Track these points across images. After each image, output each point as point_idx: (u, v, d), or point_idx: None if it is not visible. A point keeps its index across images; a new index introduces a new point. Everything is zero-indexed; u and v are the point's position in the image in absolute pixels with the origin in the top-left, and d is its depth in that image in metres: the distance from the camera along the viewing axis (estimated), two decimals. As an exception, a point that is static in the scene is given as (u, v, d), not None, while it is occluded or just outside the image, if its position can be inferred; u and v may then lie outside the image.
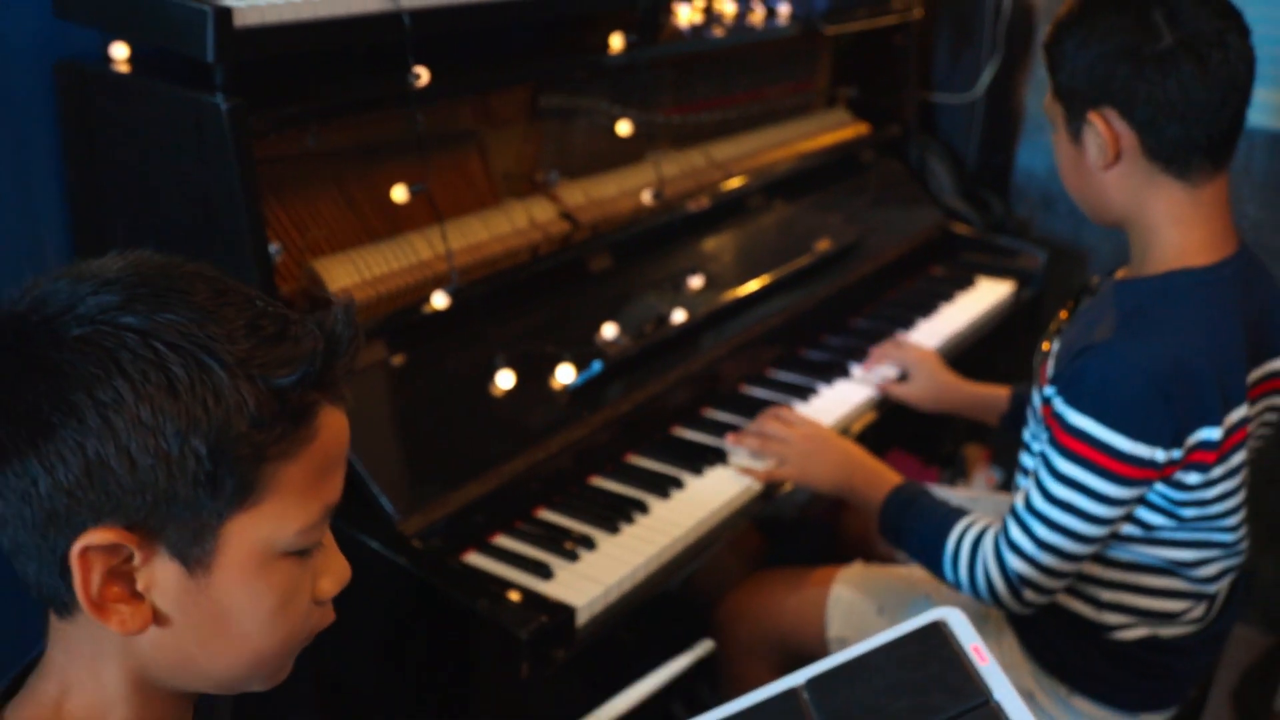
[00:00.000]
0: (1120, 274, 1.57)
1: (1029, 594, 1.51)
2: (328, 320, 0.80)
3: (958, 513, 1.61)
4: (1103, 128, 1.44)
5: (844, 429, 1.95)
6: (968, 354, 2.29)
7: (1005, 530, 1.51)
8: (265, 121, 1.45)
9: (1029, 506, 1.48)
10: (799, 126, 2.49)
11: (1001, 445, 2.99)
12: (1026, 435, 1.65)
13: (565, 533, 1.61)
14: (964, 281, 2.50)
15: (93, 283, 0.76)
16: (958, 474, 2.57)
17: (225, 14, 1.34)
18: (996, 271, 2.54)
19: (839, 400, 2.02)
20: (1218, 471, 1.46)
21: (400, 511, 1.48)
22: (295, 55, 1.48)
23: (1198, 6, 1.39)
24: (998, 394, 2.01)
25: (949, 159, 2.72)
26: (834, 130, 2.56)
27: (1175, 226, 1.47)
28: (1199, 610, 1.61)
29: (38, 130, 1.57)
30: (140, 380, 0.73)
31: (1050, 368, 1.54)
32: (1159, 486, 1.47)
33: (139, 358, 0.73)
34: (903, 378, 2.07)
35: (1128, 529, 1.52)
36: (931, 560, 1.60)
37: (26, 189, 1.59)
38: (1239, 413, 1.46)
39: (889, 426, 2.09)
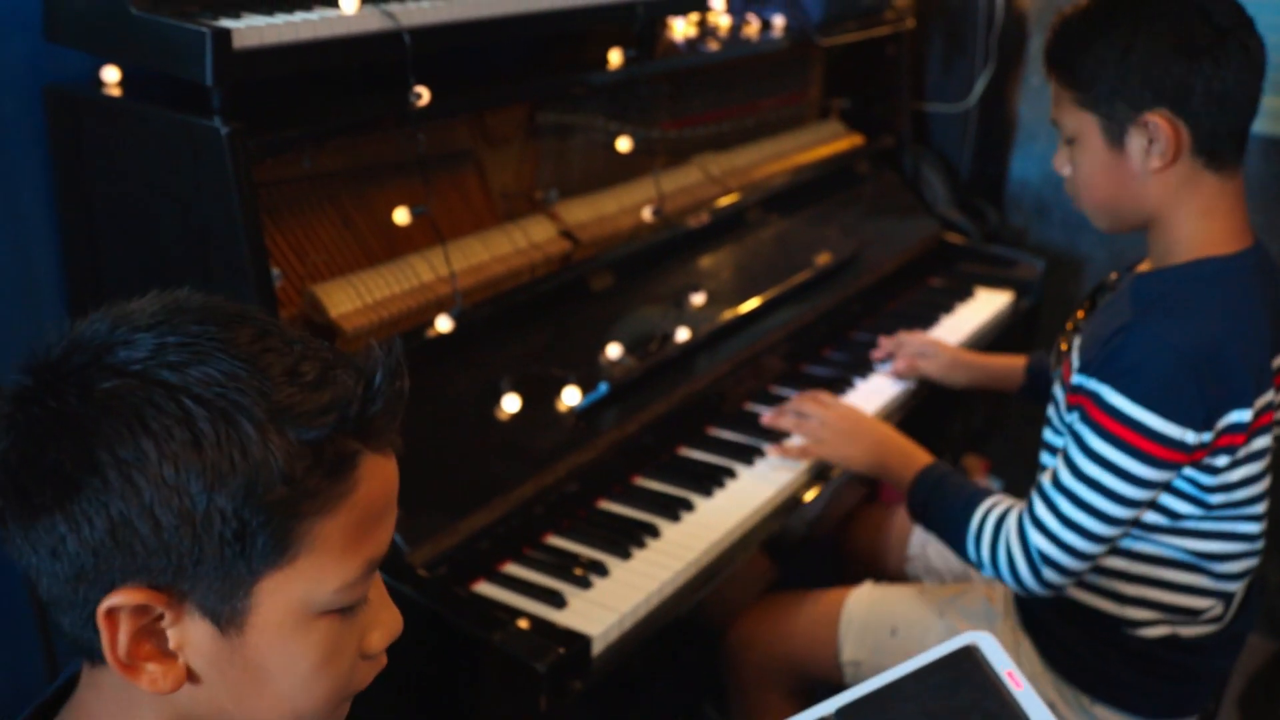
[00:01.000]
0: (1141, 269, 1.58)
1: (1049, 573, 1.51)
2: (369, 362, 0.76)
3: (985, 492, 1.63)
4: (1165, 128, 1.44)
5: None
6: (970, 366, 2.26)
7: (1031, 507, 1.52)
8: (263, 145, 1.41)
9: (1056, 483, 1.49)
10: (794, 139, 2.47)
11: (999, 456, 2.98)
12: (1050, 412, 1.64)
13: (576, 559, 1.57)
14: (963, 293, 2.48)
15: (126, 329, 0.73)
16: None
17: (224, 36, 1.30)
18: (995, 282, 2.52)
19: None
20: (1244, 454, 1.47)
21: (408, 542, 1.44)
22: (292, 76, 1.44)
23: (1220, 2, 1.41)
24: (1014, 364, 2.05)
25: (943, 169, 2.71)
26: (829, 142, 2.54)
27: (1204, 218, 1.48)
28: (1219, 609, 1.61)
29: (27, 156, 1.53)
30: (164, 437, 0.69)
31: (1075, 360, 1.54)
32: (1188, 471, 1.47)
33: (164, 413, 0.70)
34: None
35: (1154, 518, 1.52)
36: (956, 537, 1.61)
37: (16, 217, 1.55)
38: (1266, 397, 1.47)
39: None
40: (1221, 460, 1.46)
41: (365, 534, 0.77)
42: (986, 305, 2.44)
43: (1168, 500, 1.51)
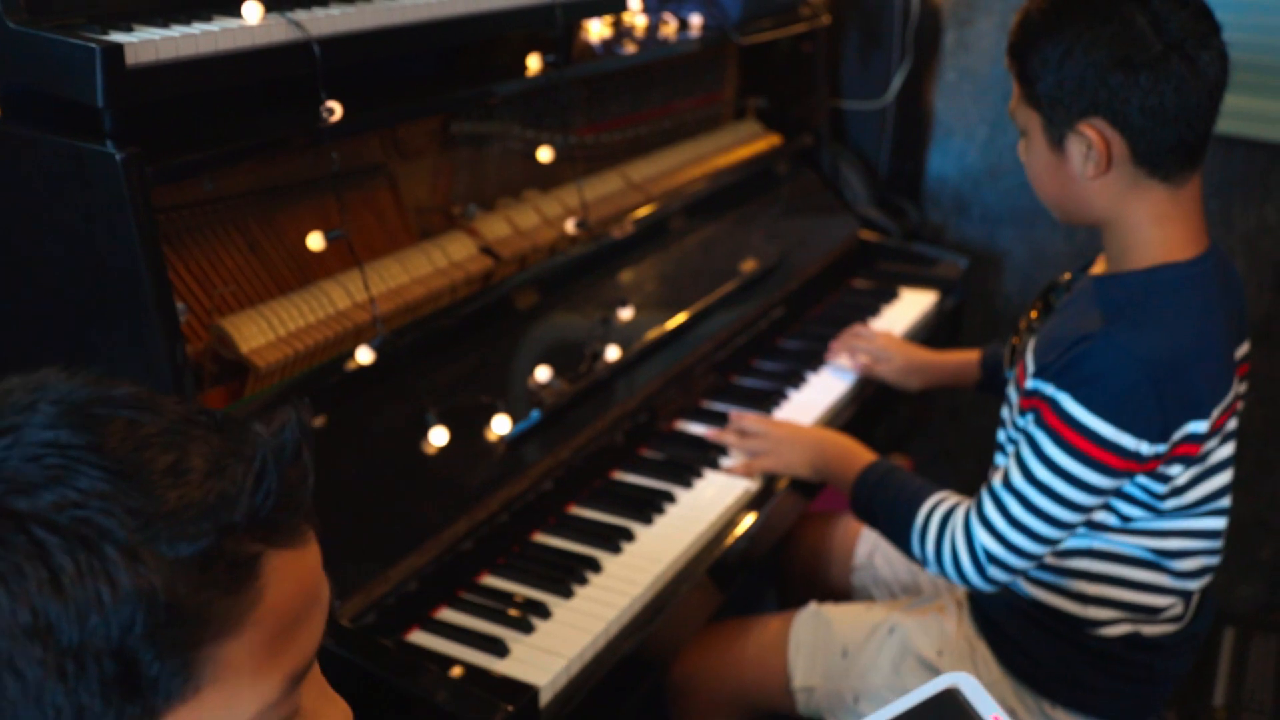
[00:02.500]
0: (1097, 270, 1.55)
1: (994, 570, 1.50)
2: (263, 443, 0.66)
3: (930, 488, 1.60)
4: (1096, 139, 1.40)
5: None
6: (900, 370, 2.22)
7: (979, 505, 1.50)
8: (162, 171, 1.29)
9: (1007, 484, 1.47)
10: (712, 141, 2.40)
11: (922, 454, 2.95)
12: (1004, 413, 1.62)
13: (514, 600, 1.48)
14: (887, 294, 2.44)
15: None
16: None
17: (115, 52, 1.18)
18: (918, 281, 2.48)
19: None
20: (1198, 461, 1.46)
21: (337, 595, 1.34)
22: (192, 93, 1.31)
23: (1179, 10, 1.36)
24: (969, 360, 2.04)
25: (862, 167, 2.66)
26: (747, 143, 2.47)
27: (1157, 225, 1.45)
28: (1179, 608, 1.59)
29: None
30: (14, 577, 0.58)
31: (1030, 363, 1.50)
32: (1140, 478, 1.46)
33: (11, 549, 0.59)
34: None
35: (1103, 517, 1.50)
36: (900, 534, 1.59)
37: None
38: (1224, 403, 1.46)
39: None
40: (1176, 469, 1.45)
41: (281, 646, 0.66)
42: (912, 306, 2.40)
43: (1117, 503, 1.49)
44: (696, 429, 1.90)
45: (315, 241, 1.45)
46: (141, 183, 1.22)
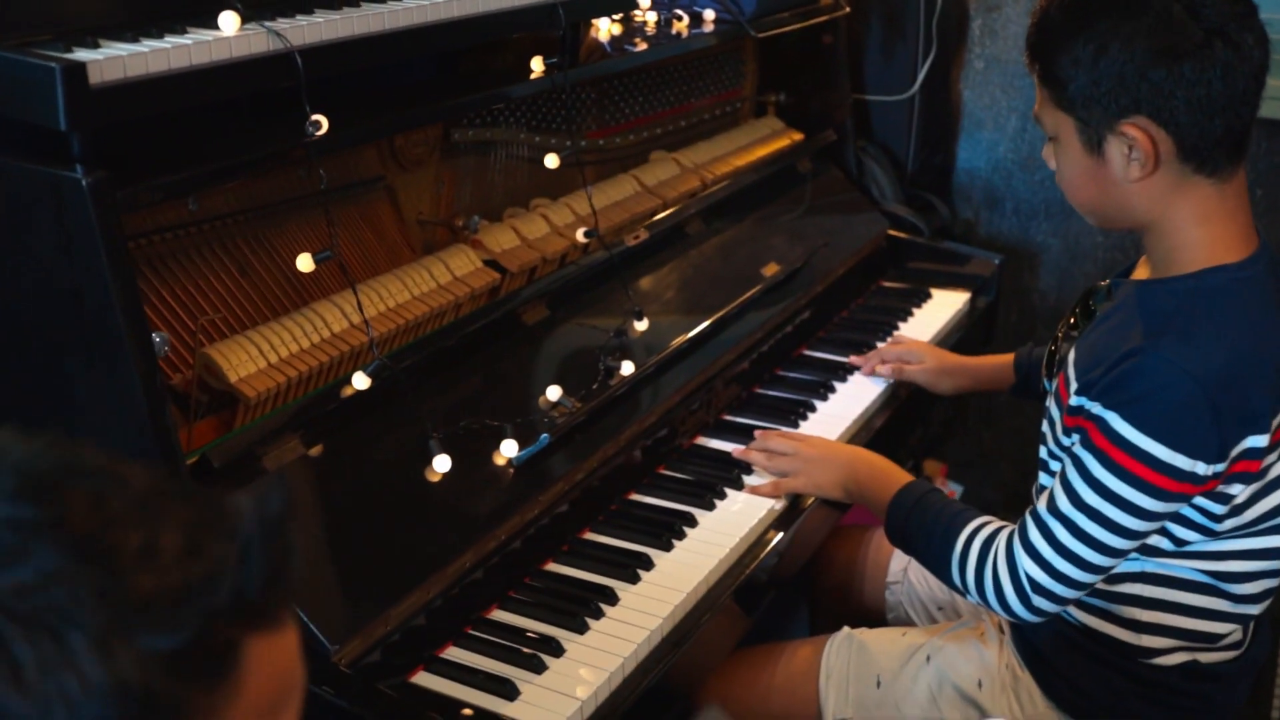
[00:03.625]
0: (1140, 275, 1.45)
1: (1039, 600, 1.40)
2: (250, 517, 0.58)
3: (970, 512, 1.51)
4: (1141, 138, 1.29)
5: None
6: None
7: (1024, 531, 1.40)
8: (134, 195, 1.21)
9: (1053, 508, 1.37)
10: (731, 140, 2.30)
11: (957, 458, 2.85)
12: (1045, 429, 1.51)
13: (525, 636, 1.40)
14: (918, 295, 2.34)
15: None
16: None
17: (78, 72, 1.10)
18: (949, 281, 2.38)
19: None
20: (1258, 480, 1.35)
21: (335, 639, 1.26)
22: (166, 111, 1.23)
23: None
24: (1003, 363, 1.96)
25: (888, 162, 2.56)
26: (768, 141, 2.37)
27: (1203, 225, 1.34)
28: (1238, 634, 1.49)
29: None
30: None
31: (1072, 377, 1.40)
32: (1198, 499, 1.35)
33: None
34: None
35: (1158, 541, 1.40)
36: (939, 562, 1.50)
37: None
38: None
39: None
40: (1236, 489, 1.34)
41: None
42: (944, 307, 2.30)
43: (1172, 527, 1.39)
44: (718, 445, 1.81)
45: (304, 263, 1.36)
46: (110, 209, 1.14)
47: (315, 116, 1.32)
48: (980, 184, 2.65)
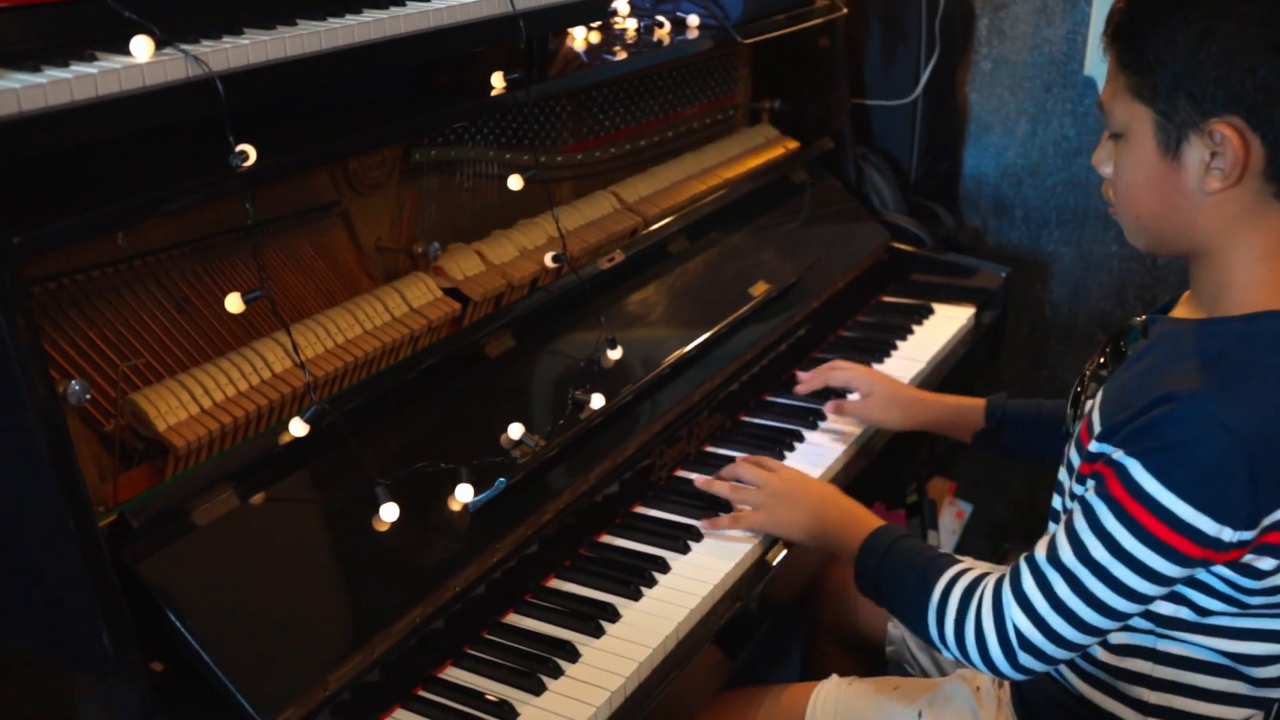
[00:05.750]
0: (1181, 313, 1.30)
1: (1025, 657, 1.26)
2: None
3: (948, 558, 1.37)
4: (1234, 141, 1.15)
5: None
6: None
7: (1016, 579, 1.26)
8: (32, 242, 1.12)
9: (1054, 559, 1.23)
10: (720, 150, 2.20)
11: (966, 477, 2.73)
12: (1062, 476, 1.38)
13: (480, 699, 1.31)
14: (920, 312, 2.23)
15: None
16: (928, 524, 2.30)
17: (-36, 108, 1.01)
18: (954, 295, 2.27)
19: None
20: None
21: (266, 712, 1.17)
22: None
23: None
24: (972, 406, 1.78)
25: (889, 170, 2.44)
26: (761, 151, 2.27)
27: (1267, 261, 1.21)
28: (1257, 719, 1.34)
29: None
30: None
31: (1096, 421, 1.26)
32: (1221, 570, 1.21)
33: None
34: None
35: (1178, 612, 1.26)
36: (914, 613, 1.36)
37: None
38: None
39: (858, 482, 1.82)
40: (1267, 563, 1.19)
41: None
42: (946, 325, 2.19)
43: (1196, 596, 1.24)
44: (700, 478, 1.70)
45: (232, 304, 1.27)
46: (6, 256, 1.05)
47: (241, 147, 1.22)
48: (988, 191, 2.53)
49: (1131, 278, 2.44)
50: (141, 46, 1.15)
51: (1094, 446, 1.24)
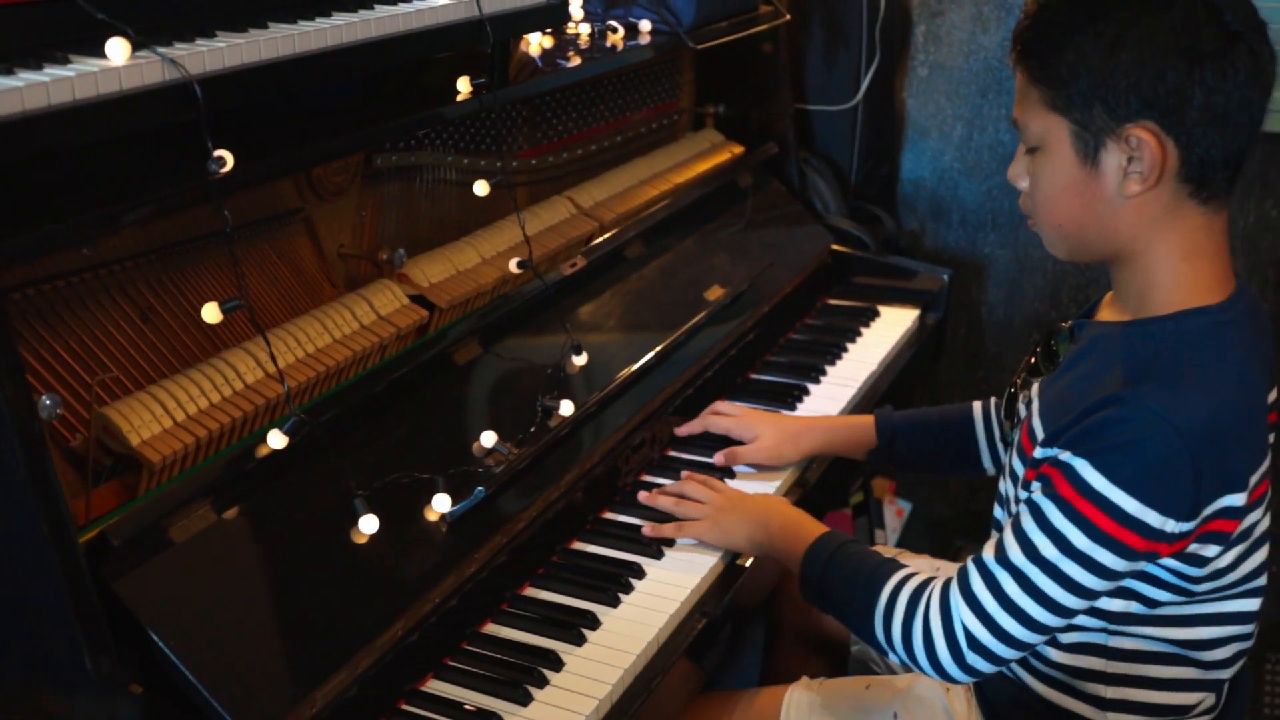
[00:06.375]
0: (1107, 315, 1.34)
1: (973, 657, 1.27)
2: None
3: (893, 563, 1.38)
4: (1151, 143, 1.19)
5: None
6: (885, 397, 2.03)
7: (964, 580, 1.28)
8: (7, 251, 1.08)
9: (1002, 559, 1.25)
10: (668, 155, 2.20)
11: (904, 477, 2.77)
12: (1003, 487, 1.42)
13: (464, 711, 1.29)
14: (867, 314, 2.25)
15: None
16: (875, 522, 2.33)
17: (-60, 112, 0.97)
18: (897, 297, 2.30)
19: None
20: (1237, 538, 1.26)
21: (250, 733, 1.14)
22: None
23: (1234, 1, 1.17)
24: (862, 422, 1.78)
25: (831, 174, 2.47)
26: (708, 156, 2.28)
27: (1187, 260, 1.25)
28: (1210, 700, 1.39)
29: None
30: None
31: (1037, 428, 1.30)
32: (1168, 561, 1.25)
33: None
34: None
35: (1128, 607, 1.30)
36: (860, 619, 1.37)
37: None
38: (1262, 468, 1.27)
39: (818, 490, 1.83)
40: (1211, 550, 1.24)
41: None
42: (893, 326, 2.22)
43: (1145, 589, 1.28)
44: (665, 483, 1.70)
45: (210, 314, 1.24)
46: (-16, 266, 1.01)
47: (219, 152, 1.19)
48: (925, 195, 2.57)
49: (1065, 279, 2.50)
50: (117, 49, 1.12)
51: (1038, 453, 1.27)
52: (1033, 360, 1.45)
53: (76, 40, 1.15)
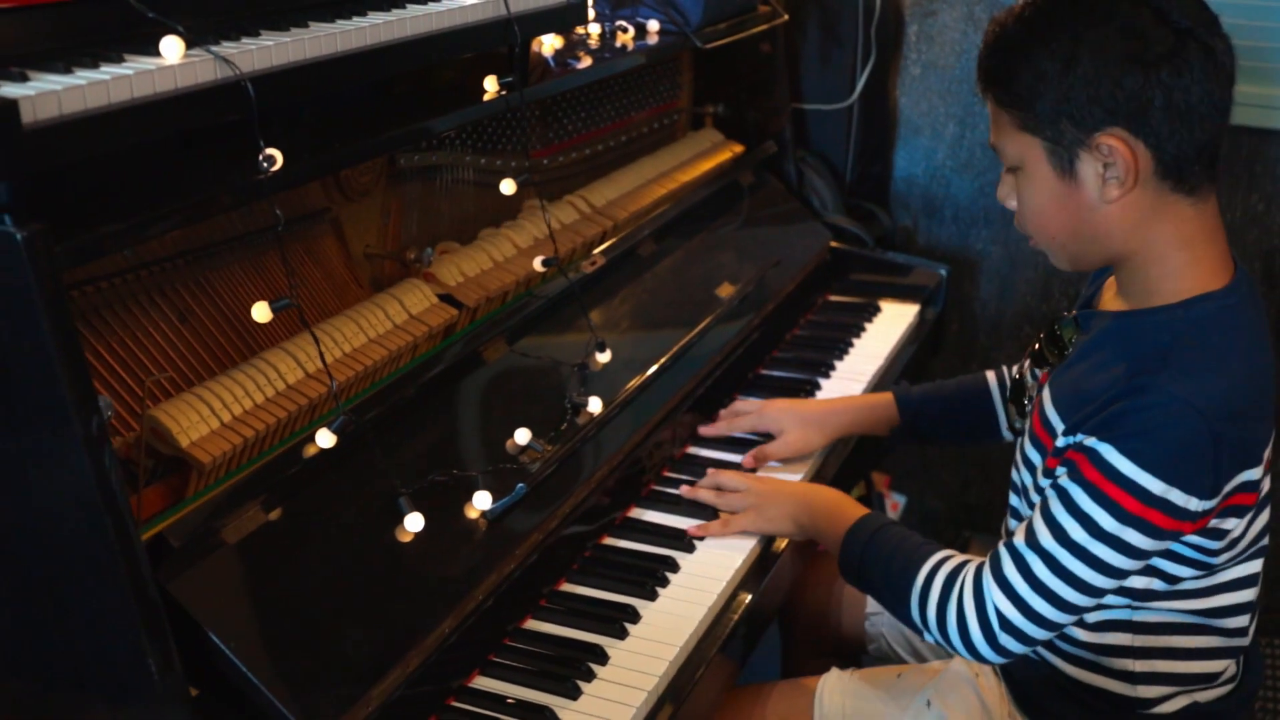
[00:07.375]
0: (1112, 305, 1.38)
1: (1006, 638, 1.31)
2: None
3: (931, 545, 1.42)
4: (1121, 149, 1.23)
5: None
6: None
7: (996, 564, 1.32)
8: (75, 249, 1.07)
9: (1032, 542, 1.29)
10: (672, 154, 2.21)
11: (899, 471, 2.80)
12: (1017, 476, 1.46)
13: (515, 706, 1.29)
14: (869, 310, 2.28)
15: None
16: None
17: (9, 110, 0.96)
18: (896, 293, 2.33)
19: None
20: (1253, 510, 1.32)
21: (311, 732, 1.14)
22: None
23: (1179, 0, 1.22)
24: (882, 401, 1.81)
25: (827, 172, 2.49)
26: (709, 155, 2.29)
27: (1185, 249, 1.29)
28: (1232, 668, 1.44)
29: None
30: None
31: (1055, 419, 1.34)
32: (1190, 537, 1.29)
33: None
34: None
35: (1153, 584, 1.34)
36: (897, 598, 1.41)
37: None
38: (1272, 441, 1.33)
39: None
40: (1230, 523, 1.29)
41: None
42: (896, 321, 2.25)
43: (1167, 565, 1.33)
44: (684, 488, 1.70)
45: (260, 313, 1.23)
46: (50, 265, 1.00)
47: (269, 150, 1.19)
48: (918, 192, 2.60)
49: (1056, 273, 2.54)
50: (172, 47, 1.11)
51: (1060, 442, 1.31)
52: (1036, 347, 1.48)
53: (126, 39, 1.14)
